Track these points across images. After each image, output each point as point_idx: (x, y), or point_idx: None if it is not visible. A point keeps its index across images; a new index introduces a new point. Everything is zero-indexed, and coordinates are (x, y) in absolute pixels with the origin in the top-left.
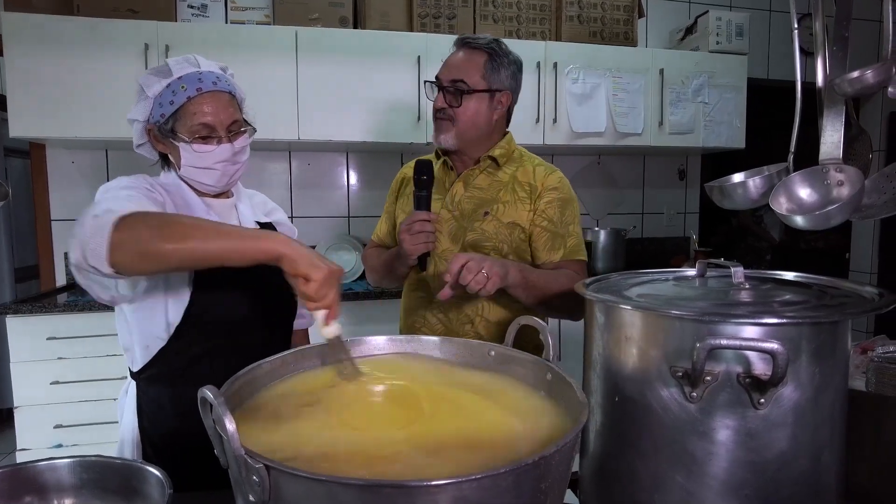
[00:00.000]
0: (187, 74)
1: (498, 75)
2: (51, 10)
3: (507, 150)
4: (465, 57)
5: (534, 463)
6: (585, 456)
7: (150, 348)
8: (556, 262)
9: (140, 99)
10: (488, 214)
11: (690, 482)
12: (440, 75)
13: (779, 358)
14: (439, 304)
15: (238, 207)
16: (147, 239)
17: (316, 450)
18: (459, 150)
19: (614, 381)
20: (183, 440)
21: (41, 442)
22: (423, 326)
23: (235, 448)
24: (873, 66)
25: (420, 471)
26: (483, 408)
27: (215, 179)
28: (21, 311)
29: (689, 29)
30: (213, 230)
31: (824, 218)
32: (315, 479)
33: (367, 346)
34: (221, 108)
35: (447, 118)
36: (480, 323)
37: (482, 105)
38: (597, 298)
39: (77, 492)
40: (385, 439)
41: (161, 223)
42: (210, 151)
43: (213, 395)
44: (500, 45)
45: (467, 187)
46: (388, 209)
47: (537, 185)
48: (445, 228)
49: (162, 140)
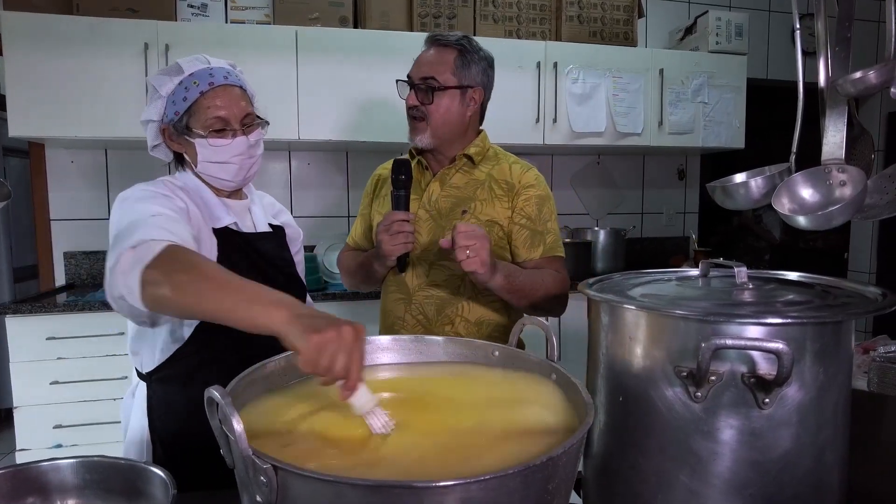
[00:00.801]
0: (198, 71)
1: (468, 71)
2: (51, 10)
3: (481, 148)
4: (436, 54)
5: (541, 464)
6: (589, 455)
7: (164, 350)
8: (535, 259)
9: (153, 99)
10: (466, 213)
11: (694, 481)
12: (411, 73)
13: (784, 358)
14: (419, 305)
15: (252, 210)
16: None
17: (318, 447)
18: (434, 148)
19: (619, 380)
20: (196, 439)
21: (41, 442)
22: (402, 328)
23: (243, 448)
24: (876, 66)
25: (427, 470)
26: (490, 408)
27: (232, 174)
28: (20, 311)
29: (689, 29)
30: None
31: (827, 218)
32: (323, 479)
33: (371, 347)
34: (234, 102)
35: (420, 116)
36: (460, 323)
37: (454, 102)
38: (601, 299)
39: (80, 492)
40: (392, 439)
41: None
42: (226, 145)
43: (219, 394)
44: (471, 42)
45: (443, 186)
46: (363, 211)
47: (514, 182)
48: (424, 228)
49: (177, 138)
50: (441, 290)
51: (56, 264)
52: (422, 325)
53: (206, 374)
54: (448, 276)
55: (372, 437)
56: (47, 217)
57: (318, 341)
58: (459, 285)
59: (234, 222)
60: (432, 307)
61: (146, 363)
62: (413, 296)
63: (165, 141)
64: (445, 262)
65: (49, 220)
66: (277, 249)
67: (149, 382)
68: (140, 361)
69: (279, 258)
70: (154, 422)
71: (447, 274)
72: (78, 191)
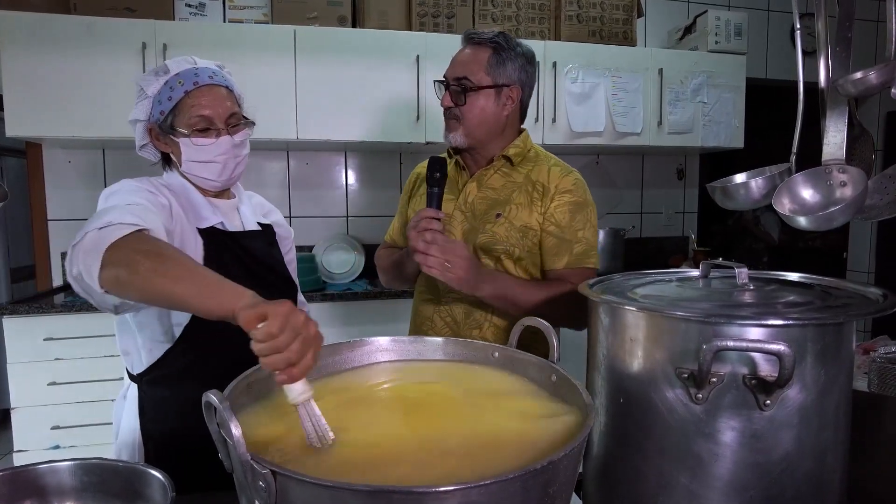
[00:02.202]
0: (184, 71)
1: (503, 69)
2: (47, 9)
3: (522, 149)
4: (470, 53)
5: (542, 468)
6: (589, 457)
7: (154, 351)
8: (559, 269)
9: (140, 99)
10: (500, 216)
11: (695, 483)
12: (447, 74)
13: (785, 360)
14: (448, 308)
15: (240, 209)
16: (126, 271)
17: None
18: (471, 148)
19: (619, 382)
20: (188, 440)
21: (38, 443)
22: (431, 329)
23: (241, 453)
24: (877, 66)
25: (427, 473)
26: (491, 409)
27: (216, 173)
28: (18, 311)
29: (688, 28)
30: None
31: (828, 219)
32: (322, 484)
33: (371, 348)
34: (218, 102)
35: (454, 117)
36: (489, 328)
37: (489, 102)
38: (601, 300)
39: (78, 495)
40: (391, 441)
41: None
42: (210, 144)
43: (217, 399)
44: (507, 39)
45: (480, 188)
46: (402, 209)
47: (550, 186)
48: (458, 229)
49: (163, 138)
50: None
51: (53, 265)
52: (450, 328)
53: (198, 375)
54: None
55: (369, 440)
56: (44, 217)
57: (287, 317)
58: None
59: (220, 222)
60: (461, 310)
61: (136, 364)
62: (442, 297)
63: (152, 141)
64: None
65: (46, 220)
66: (266, 247)
67: (140, 384)
68: (131, 362)
69: (268, 256)
70: (146, 423)
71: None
72: (75, 191)
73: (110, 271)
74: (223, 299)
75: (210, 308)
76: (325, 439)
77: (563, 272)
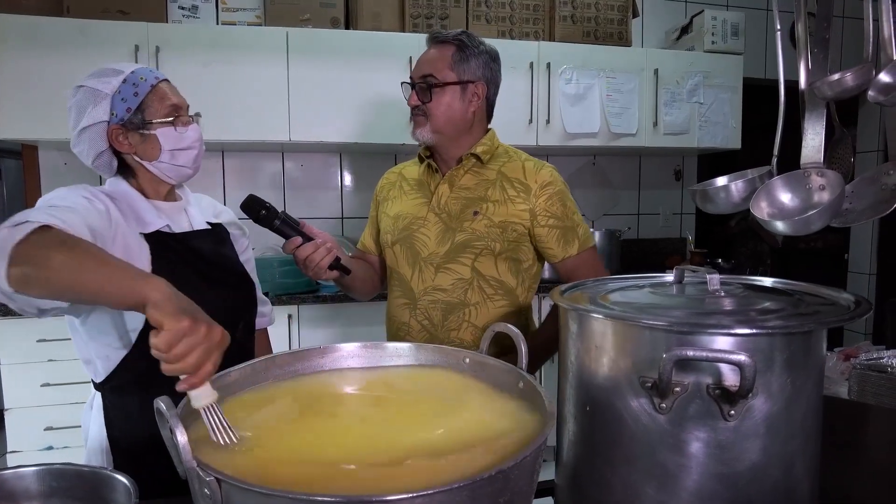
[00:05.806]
0: (138, 69)
1: (468, 66)
2: (40, 11)
3: (490, 146)
4: (435, 52)
5: (490, 477)
6: (560, 464)
7: (111, 358)
8: (573, 255)
9: (92, 103)
10: (478, 214)
11: (662, 494)
12: (412, 74)
13: (746, 370)
14: (423, 311)
15: (188, 210)
16: (34, 267)
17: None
18: (439, 147)
19: (586, 390)
20: (154, 446)
21: (32, 444)
22: (407, 335)
23: (187, 460)
24: (853, 68)
25: (379, 483)
26: (454, 416)
27: (192, 159)
28: (11, 312)
29: (685, 29)
30: (96, 261)
31: (805, 223)
32: (266, 493)
33: (341, 354)
34: (178, 94)
35: (422, 114)
36: (467, 329)
37: (454, 98)
38: (568, 307)
39: (45, 500)
40: (346, 449)
41: (57, 245)
42: (189, 130)
43: (165, 406)
44: (470, 37)
45: (453, 188)
46: (372, 216)
47: (530, 183)
48: (432, 231)
49: (130, 136)
50: (447, 294)
51: None
52: (427, 331)
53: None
54: (455, 279)
55: (324, 446)
56: None
57: (186, 327)
58: (466, 289)
59: (166, 225)
60: (438, 312)
61: (96, 373)
62: (418, 300)
63: (112, 142)
64: (452, 265)
65: None
66: (215, 246)
67: (103, 392)
68: (93, 371)
69: (218, 255)
70: (112, 431)
71: (454, 278)
72: None
73: (18, 269)
74: (134, 286)
75: (119, 297)
76: (230, 440)
77: (576, 259)
